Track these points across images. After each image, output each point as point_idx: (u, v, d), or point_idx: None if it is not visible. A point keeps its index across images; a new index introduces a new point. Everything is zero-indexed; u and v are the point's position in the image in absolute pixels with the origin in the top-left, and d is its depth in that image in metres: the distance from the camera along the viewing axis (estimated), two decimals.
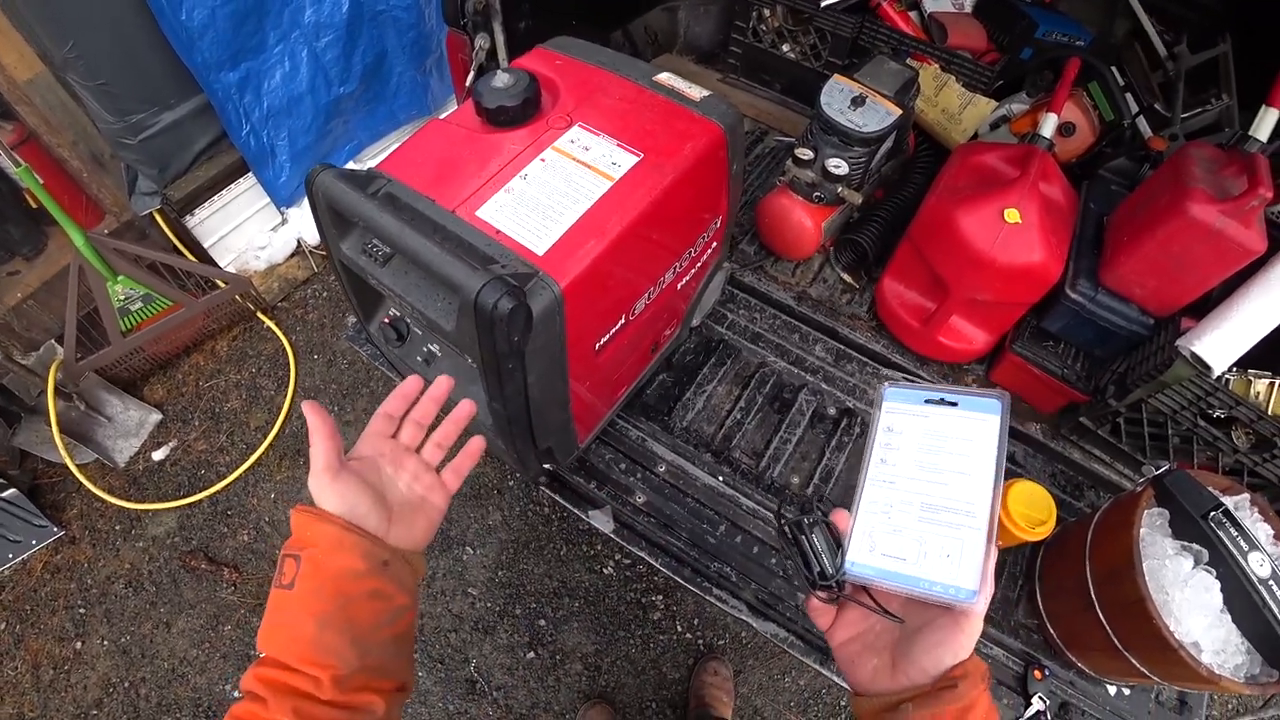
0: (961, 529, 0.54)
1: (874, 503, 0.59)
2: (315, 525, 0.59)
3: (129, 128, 2.11)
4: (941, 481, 0.57)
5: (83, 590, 2.02)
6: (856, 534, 0.58)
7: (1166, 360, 1.21)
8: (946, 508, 0.55)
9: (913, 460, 0.59)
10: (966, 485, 0.56)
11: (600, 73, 1.07)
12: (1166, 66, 1.78)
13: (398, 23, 2.48)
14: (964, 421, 0.58)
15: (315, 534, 0.59)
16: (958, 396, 0.60)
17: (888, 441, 0.61)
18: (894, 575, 0.55)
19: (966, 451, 0.57)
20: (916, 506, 0.57)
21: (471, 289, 0.75)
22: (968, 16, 1.87)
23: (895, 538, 0.56)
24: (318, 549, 0.58)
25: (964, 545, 0.53)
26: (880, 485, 0.59)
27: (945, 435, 0.59)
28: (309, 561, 0.57)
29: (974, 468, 0.56)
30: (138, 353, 2.24)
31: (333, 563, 0.58)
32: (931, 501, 0.56)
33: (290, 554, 0.58)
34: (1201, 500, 1.07)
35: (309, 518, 0.60)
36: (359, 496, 0.62)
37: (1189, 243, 1.19)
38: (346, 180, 0.89)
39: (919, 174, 1.63)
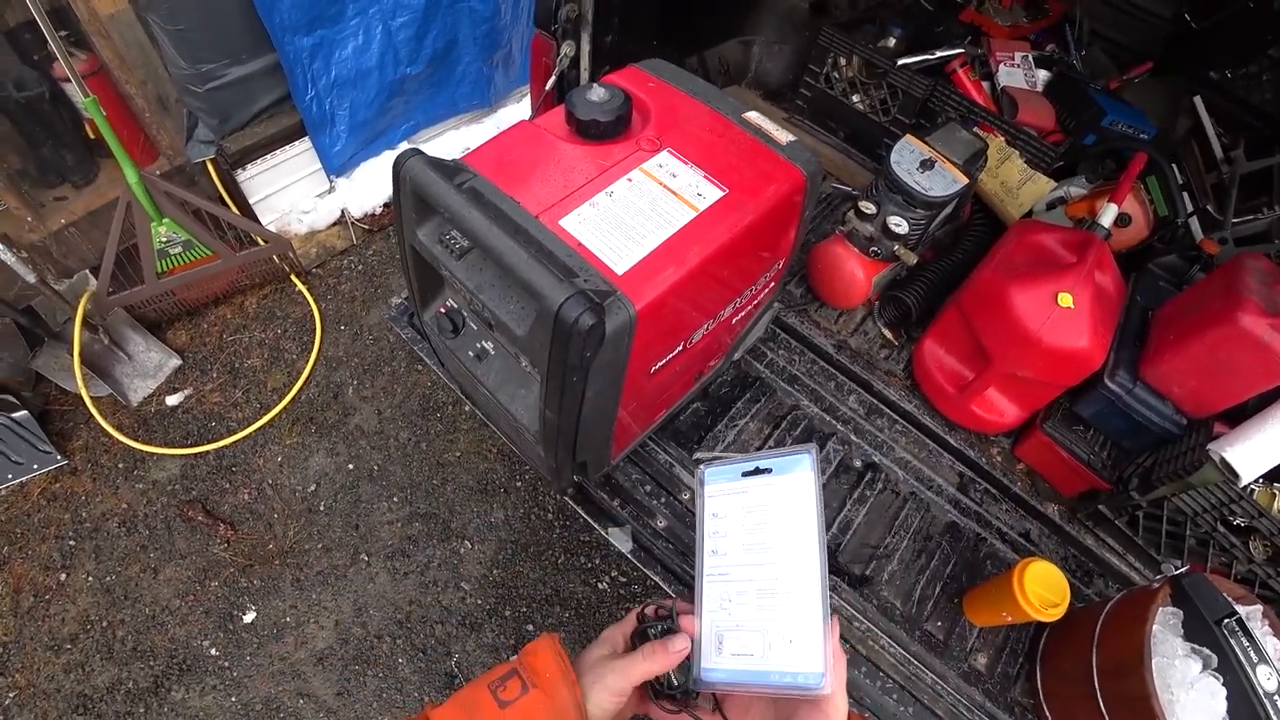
0: (798, 609, 0.53)
1: (713, 600, 0.57)
2: (558, 679, 0.55)
3: (199, 75, 2.13)
4: (770, 560, 0.55)
5: (76, 522, 2.02)
6: (705, 638, 0.57)
7: (1195, 462, 1.21)
8: (780, 590, 0.54)
9: (740, 544, 0.58)
10: (794, 558, 0.54)
11: (691, 101, 1.09)
12: (1221, 169, 1.80)
13: (473, 14, 2.52)
14: (781, 487, 0.57)
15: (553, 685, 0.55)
16: (770, 461, 0.59)
17: (715, 529, 0.60)
18: (745, 674, 0.53)
19: (788, 518, 0.56)
20: (753, 595, 0.55)
21: (555, 300, 0.75)
22: (1039, 95, 1.90)
23: (739, 634, 0.55)
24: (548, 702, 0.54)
25: (802, 627, 0.52)
26: (716, 581, 0.58)
27: (767, 508, 0.57)
28: (532, 703, 0.54)
29: (798, 535, 0.55)
30: (169, 296, 2.26)
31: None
32: (765, 586, 0.55)
33: (522, 677, 0.55)
34: (1217, 606, 1.08)
35: (557, 665, 0.56)
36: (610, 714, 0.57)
37: (1235, 351, 1.21)
38: (435, 168, 0.91)
39: (970, 241, 1.65)
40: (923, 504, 1.43)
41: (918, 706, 1.21)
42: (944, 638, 1.29)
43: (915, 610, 1.30)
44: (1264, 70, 2.05)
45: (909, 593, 1.32)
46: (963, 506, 1.45)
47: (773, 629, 0.53)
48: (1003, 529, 1.45)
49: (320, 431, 2.22)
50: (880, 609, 1.29)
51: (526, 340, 0.87)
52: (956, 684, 1.25)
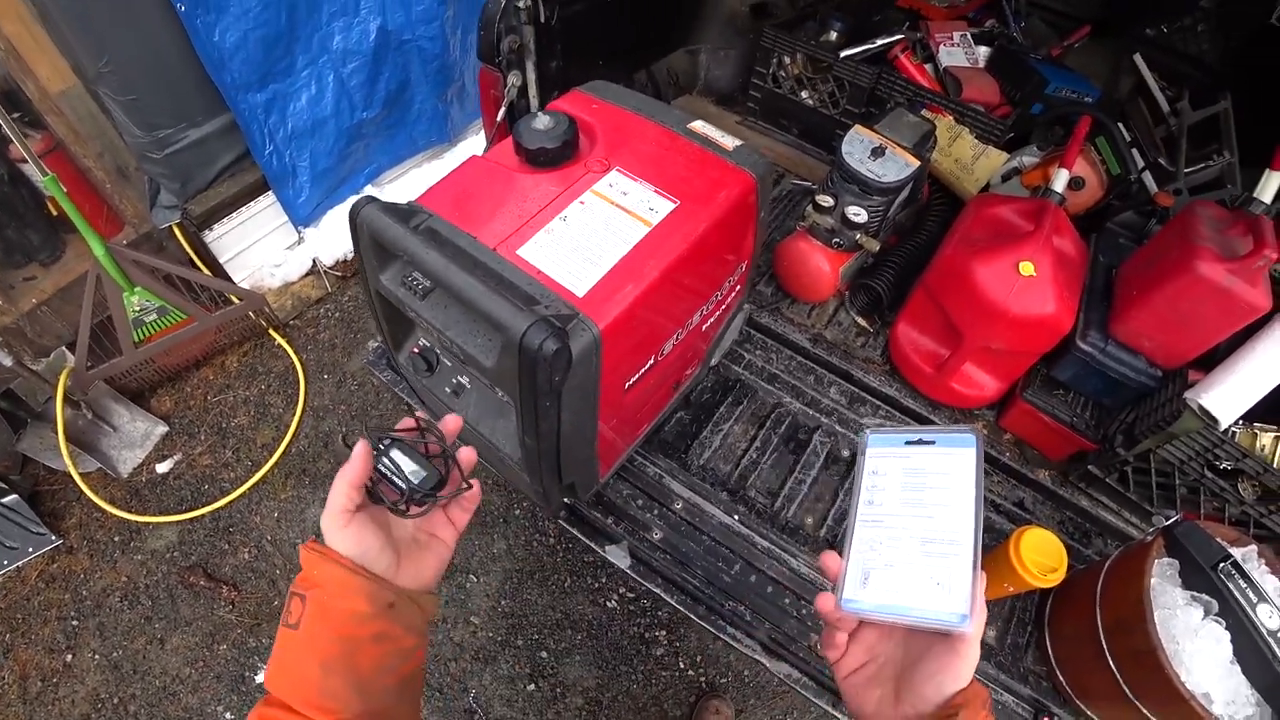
0: (948, 558, 0.56)
1: (864, 541, 0.61)
2: (322, 565, 0.59)
3: (155, 142, 2.14)
4: (927, 515, 0.59)
5: (77, 601, 2.00)
6: (850, 571, 0.60)
7: (1174, 412, 1.23)
8: (933, 539, 0.57)
9: (898, 499, 0.61)
10: (950, 516, 0.58)
11: (636, 118, 1.11)
12: (1169, 122, 1.84)
13: (423, 52, 2.54)
14: (942, 458, 0.61)
15: (322, 574, 0.59)
16: (935, 435, 0.63)
17: (874, 484, 0.64)
18: (888, 608, 0.56)
19: (947, 485, 0.59)
20: (905, 541, 0.59)
21: (517, 329, 0.77)
22: (981, 71, 1.94)
23: (887, 572, 0.58)
24: (324, 590, 0.58)
25: (952, 573, 0.55)
26: (869, 525, 0.62)
27: (926, 472, 0.61)
28: (314, 603, 0.58)
29: (955, 500, 0.58)
30: (148, 364, 2.25)
31: (338, 605, 0.58)
32: (919, 535, 0.58)
33: (297, 593, 0.59)
34: (1211, 551, 1.09)
35: (317, 557, 0.60)
36: (369, 538, 0.61)
37: (1197, 299, 1.23)
38: (390, 213, 0.92)
39: (932, 221, 1.68)
40: None
41: None
42: None
43: None
44: (1198, 22, 2.10)
45: None
46: None
47: (922, 572, 0.56)
48: (996, 500, 1.46)
49: (314, 483, 2.21)
50: None
51: (496, 371, 0.88)
52: None
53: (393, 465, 0.63)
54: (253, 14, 2.05)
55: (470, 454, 0.69)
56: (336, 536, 0.61)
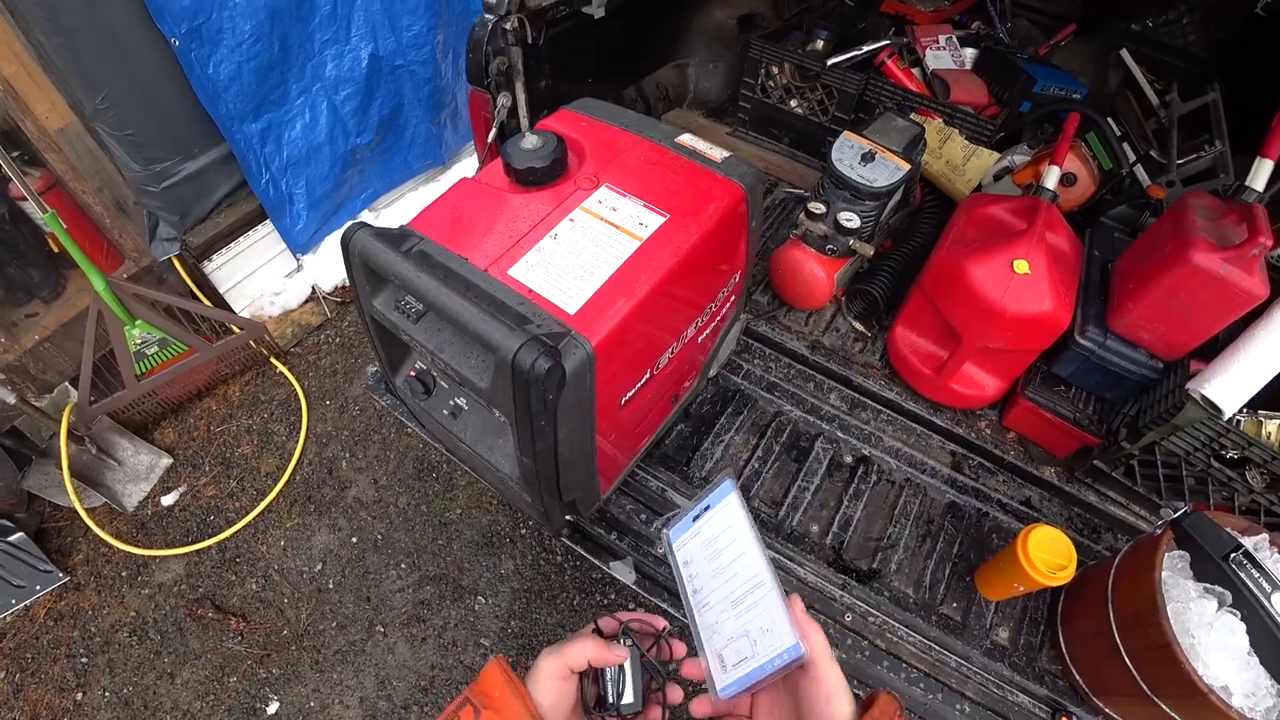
0: (761, 602, 0.60)
1: (706, 629, 0.64)
2: (508, 694, 0.58)
3: (153, 176, 2.16)
4: (732, 574, 0.63)
5: (86, 639, 1.99)
6: (710, 664, 0.62)
7: (1177, 403, 1.23)
8: (745, 591, 0.61)
9: (708, 573, 0.65)
10: (746, 563, 0.62)
11: (624, 134, 1.11)
12: (1159, 115, 1.85)
13: (414, 77, 2.57)
14: (720, 515, 0.66)
15: (504, 701, 0.58)
16: (706, 500, 0.68)
17: (689, 574, 0.68)
18: (748, 676, 0.59)
19: (732, 536, 0.64)
20: (729, 607, 0.62)
21: (509, 349, 0.77)
22: (969, 73, 1.95)
23: (732, 646, 0.61)
24: (499, 717, 0.57)
25: (769, 614, 0.59)
26: (702, 612, 0.65)
27: (715, 536, 0.66)
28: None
29: (742, 544, 0.63)
30: (151, 396, 2.25)
31: None
32: (734, 595, 0.62)
33: (473, 702, 0.58)
34: (1221, 542, 1.08)
35: (505, 682, 0.59)
36: (565, 700, 0.61)
37: (1194, 289, 1.23)
38: (381, 239, 0.93)
39: (926, 224, 1.68)
40: (919, 489, 1.44)
41: (946, 691, 1.20)
42: (961, 618, 1.29)
43: (928, 595, 1.30)
44: (1183, 15, 2.11)
45: (919, 579, 1.32)
46: (959, 485, 1.45)
47: (752, 628, 0.59)
48: (1003, 500, 1.45)
49: (319, 509, 2.21)
50: (893, 600, 1.28)
51: (491, 392, 0.88)
52: (982, 662, 1.24)
53: (615, 672, 0.63)
54: (246, 45, 2.08)
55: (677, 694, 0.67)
56: (545, 683, 0.60)
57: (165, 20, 1.92)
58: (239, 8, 2.02)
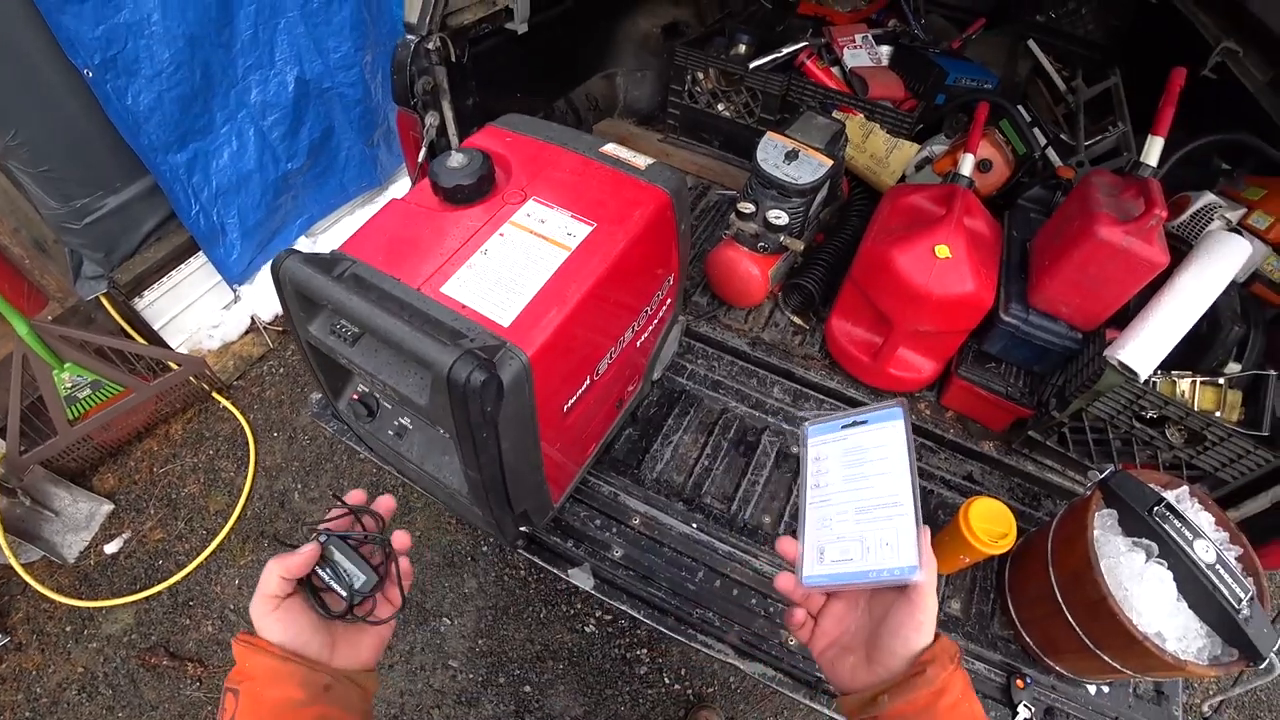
0: (892, 519, 0.60)
1: (815, 521, 0.65)
2: (252, 656, 0.58)
3: (73, 213, 2.08)
4: (868, 486, 0.64)
5: (31, 701, 1.89)
6: (806, 550, 0.64)
7: (1097, 370, 1.30)
8: (876, 505, 0.62)
9: (841, 477, 0.66)
10: (889, 483, 0.62)
11: (549, 147, 1.13)
12: (1067, 100, 1.95)
13: (344, 99, 2.54)
14: (875, 433, 0.66)
15: (253, 665, 0.58)
16: (865, 415, 0.68)
17: (818, 469, 0.69)
18: (844, 575, 0.60)
19: (883, 455, 0.64)
20: (852, 512, 0.63)
21: (444, 364, 0.77)
22: (885, 69, 2.03)
23: (839, 544, 0.62)
24: (255, 682, 0.57)
25: (897, 532, 0.59)
26: (818, 506, 0.66)
27: (863, 448, 0.66)
28: (247, 695, 0.57)
29: (892, 467, 0.63)
30: (86, 441, 2.16)
31: (271, 695, 0.57)
32: (863, 504, 0.63)
33: (230, 688, 0.58)
34: (1145, 497, 1.15)
35: (247, 648, 0.59)
36: (300, 622, 0.61)
37: (1101, 262, 1.31)
38: (312, 264, 0.92)
39: (855, 217, 1.74)
40: None
41: None
42: None
43: None
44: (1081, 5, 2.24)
45: None
46: None
47: (870, 537, 0.60)
48: (946, 477, 1.51)
49: (273, 544, 2.15)
50: None
51: (431, 409, 0.88)
52: None
53: (331, 569, 0.63)
54: (165, 74, 2.02)
55: (404, 538, 0.69)
56: (266, 623, 0.60)
57: (77, 51, 1.86)
58: (155, 35, 1.96)
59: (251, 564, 2.11)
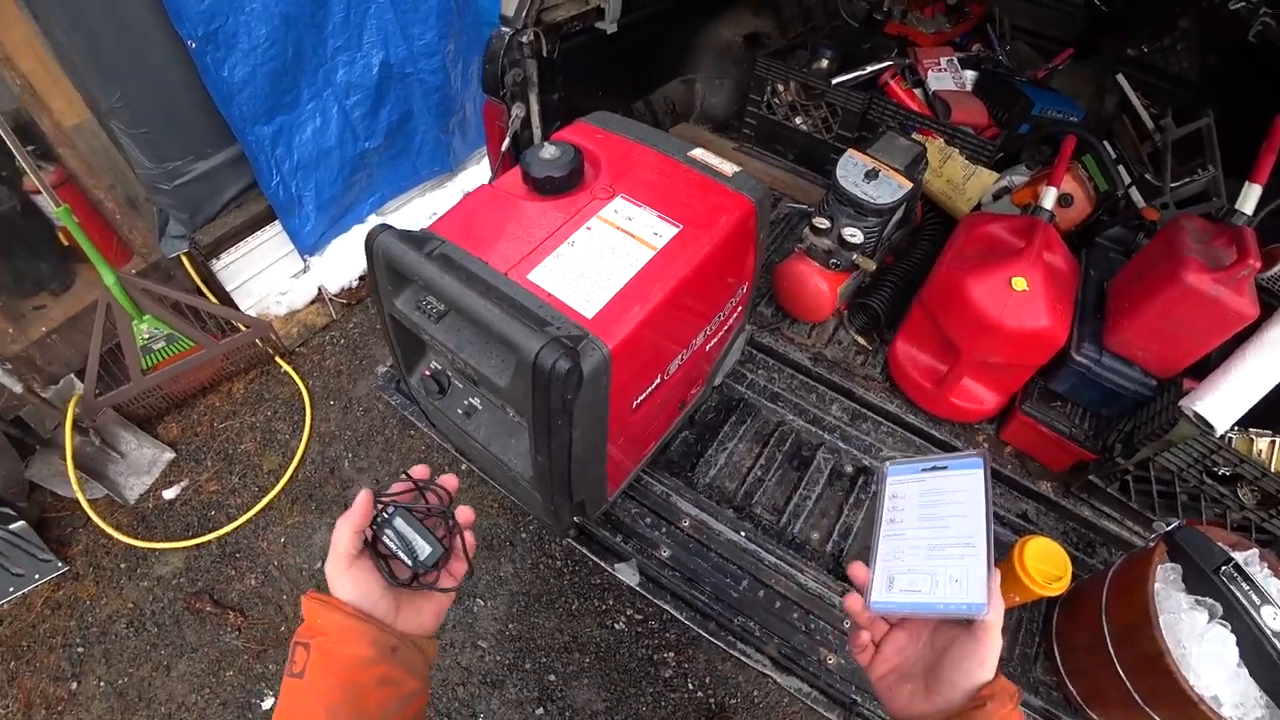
0: (965, 558, 0.61)
1: (888, 552, 0.67)
2: (325, 613, 0.60)
3: (165, 174, 2.19)
4: (943, 525, 0.65)
5: (82, 629, 1.99)
6: (876, 577, 0.66)
7: (1171, 420, 1.26)
8: (949, 544, 0.63)
9: (916, 515, 0.68)
10: (964, 524, 0.63)
11: (638, 147, 1.15)
12: (1155, 138, 1.90)
13: (424, 85, 2.61)
14: (955, 479, 0.68)
15: (325, 622, 0.60)
16: (946, 461, 0.70)
17: (894, 505, 0.71)
18: (912, 605, 0.62)
19: (960, 500, 0.66)
20: (924, 548, 0.64)
21: (530, 349, 0.79)
22: (969, 94, 2.00)
23: (909, 575, 0.64)
24: (327, 637, 0.59)
25: (968, 570, 0.60)
26: (892, 538, 0.68)
27: (941, 491, 0.68)
28: (319, 650, 0.59)
29: (968, 511, 0.64)
30: (156, 391, 2.27)
31: (342, 651, 0.59)
32: (936, 542, 0.64)
33: (301, 642, 0.60)
34: (1213, 555, 1.11)
35: (319, 605, 0.61)
36: (370, 583, 0.63)
37: (1186, 309, 1.27)
38: (405, 240, 0.95)
39: (926, 241, 1.72)
40: None
41: None
42: None
43: None
44: (1177, 41, 2.17)
45: None
46: None
47: (940, 573, 0.62)
48: (1000, 513, 1.48)
49: (320, 508, 2.22)
50: None
51: (509, 391, 0.90)
52: None
53: (398, 539, 0.65)
54: (261, 49, 2.11)
55: (468, 513, 0.71)
56: (339, 581, 0.62)
57: (183, 22, 1.95)
58: (255, 13, 2.05)
59: (298, 524, 2.18)
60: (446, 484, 0.72)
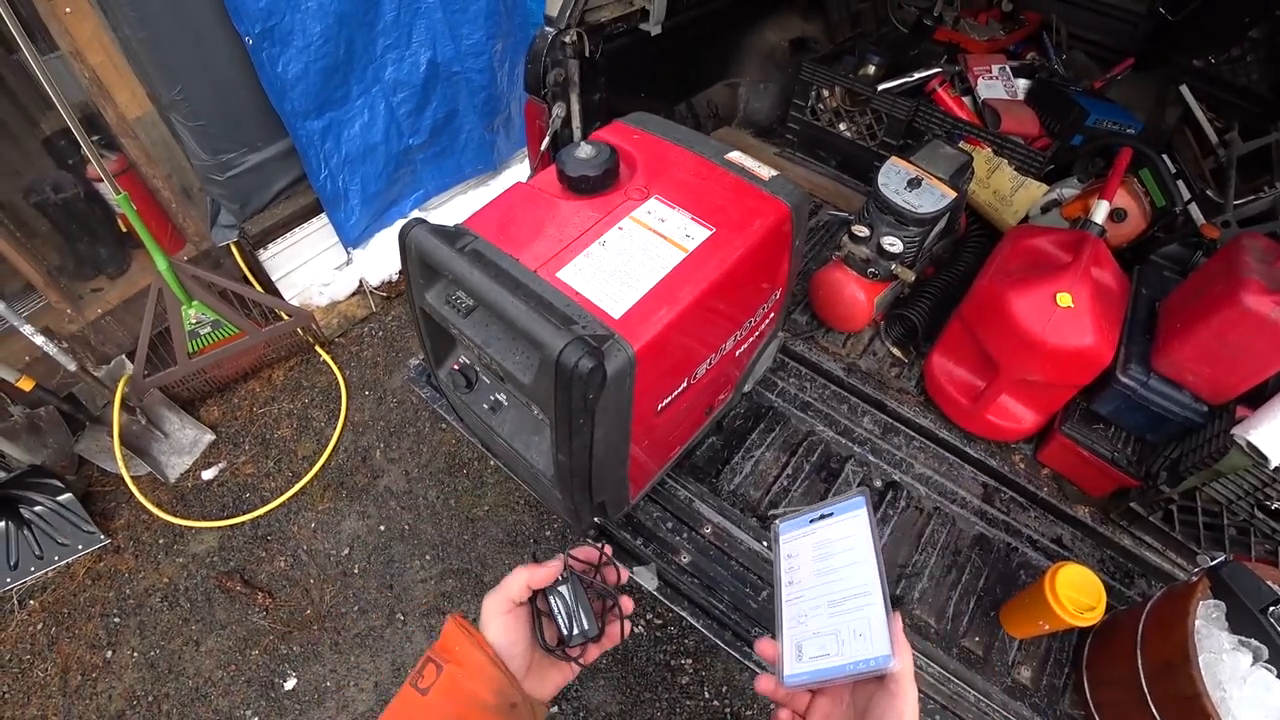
0: (863, 609, 0.60)
1: (791, 619, 0.65)
2: (466, 645, 0.61)
3: (219, 165, 2.27)
4: (837, 578, 0.63)
5: (120, 600, 2.07)
6: (786, 650, 0.63)
7: (1221, 449, 1.20)
8: (847, 596, 0.62)
9: (811, 572, 0.66)
10: (856, 573, 0.62)
11: (675, 148, 1.14)
12: (1218, 153, 1.81)
13: (470, 84, 2.65)
14: (841, 524, 0.67)
15: (464, 653, 0.61)
16: (831, 507, 0.69)
17: (790, 566, 0.69)
18: (823, 671, 0.59)
19: (850, 547, 0.64)
20: (825, 606, 0.63)
21: (554, 347, 0.79)
22: (1020, 103, 1.94)
23: (815, 640, 0.62)
24: (461, 669, 0.60)
25: (868, 621, 0.59)
26: (793, 603, 0.66)
27: (830, 541, 0.67)
28: (449, 677, 0.59)
29: (858, 557, 0.63)
30: (200, 374, 2.35)
31: (469, 687, 0.60)
32: (834, 598, 0.62)
33: (435, 661, 0.61)
34: (1261, 594, 1.06)
35: (463, 634, 0.62)
36: (517, 635, 0.64)
37: (1244, 333, 1.21)
38: (437, 235, 0.96)
39: (970, 253, 1.67)
40: (948, 518, 1.42)
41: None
42: (983, 653, 1.27)
43: (950, 627, 1.29)
44: (1247, 52, 2.07)
45: (942, 609, 1.30)
46: (989, 517, 1.44)
47: (844, 629, 0.60)
48: (1033, 536, 1.43)
49: (351, 495, 2.27)
50: (914, 628, 1.27)
51: (533, 388, 0.91)
52: (1001, 700, 1.22)
53: (562, 605, 0.66)
54: (314, 47, 2.18)
55: (630, 604, 0.72)
56: (494, 622, 0.63)
57: (242, 20, 2.03)
58: (310, 11, 2.12)
59: (328, 511, 2.23)
60: (621, 573, 0.73)
